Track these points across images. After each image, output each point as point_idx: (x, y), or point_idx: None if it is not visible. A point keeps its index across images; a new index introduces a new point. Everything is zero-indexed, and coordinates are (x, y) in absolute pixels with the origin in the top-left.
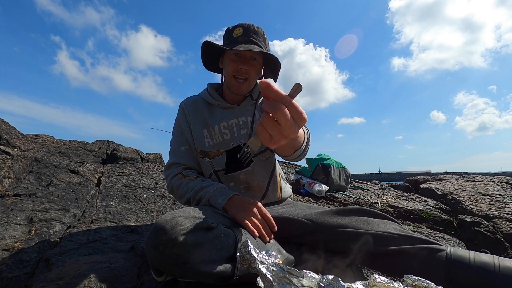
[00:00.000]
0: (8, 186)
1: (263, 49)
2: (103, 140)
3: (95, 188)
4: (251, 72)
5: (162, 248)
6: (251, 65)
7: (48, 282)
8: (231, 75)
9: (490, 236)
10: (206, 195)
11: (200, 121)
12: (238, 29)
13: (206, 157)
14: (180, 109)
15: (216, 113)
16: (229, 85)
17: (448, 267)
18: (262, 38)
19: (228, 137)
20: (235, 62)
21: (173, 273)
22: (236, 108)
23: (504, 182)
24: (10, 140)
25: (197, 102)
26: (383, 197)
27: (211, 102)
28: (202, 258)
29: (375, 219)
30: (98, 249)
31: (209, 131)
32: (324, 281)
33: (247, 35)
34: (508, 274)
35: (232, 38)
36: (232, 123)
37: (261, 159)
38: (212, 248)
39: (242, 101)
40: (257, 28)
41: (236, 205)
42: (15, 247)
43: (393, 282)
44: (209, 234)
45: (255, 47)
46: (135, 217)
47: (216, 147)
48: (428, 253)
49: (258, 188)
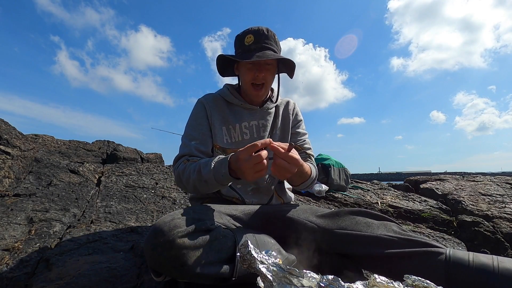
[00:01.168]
0: (8, 186)
1: (277, 53)
2: (103, 140)
3: (95, 188)
4: (267, 77)
5: (160, 250)
6: (267, 70)
7: (48, 282)
8: (249, 83)
9: (490, 236)
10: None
11: (220, 118)
12: (249, 37)
13: (224, 154)
14: (200, 104)
15: (237, 112)
16: (248, 92)
17: (448, 269)
18: (273, 41)
19: (247, 137)
20: (251, 70)
21: (171, 274)
22: (258, 110)
23: (504, 182)
24: (10, 140)
25: (216, 100)
26: (383, 197)
27: (233, 101)
28: (200, 260)
29: (375, 221)
30: (98, 249)
31: (228, 129)
32: (324, 281)
33: (259, 42)
34: (507, 275)
35: (244, 46)
36: (253, 124)
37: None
38: (210, 250)
39: (262, 103)
40: (267, 31)
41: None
42: (15, 247)
43: (393, 282)
44: (207, 236)
45: (269, 53)
46: (135, 217)
47: (234, 145)
48: (428, 256)
49: (266, 190)
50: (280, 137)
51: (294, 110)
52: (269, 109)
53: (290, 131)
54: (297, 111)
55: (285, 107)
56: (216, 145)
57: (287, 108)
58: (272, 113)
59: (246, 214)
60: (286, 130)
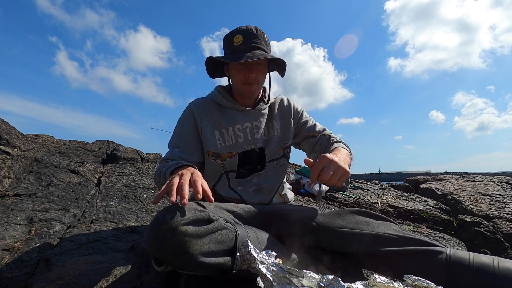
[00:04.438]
0: (8, 186)
1: (267, 52)
2: (103, 140)
3: (95, 188)
4: (258, 77)
5: (162, 237)
6: (258, 70)
7: (48, 282)
8: (240, 83)
9: (490, 236)
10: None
11: (211, 123)
12: (238, 37)
13: (218, 159)
14: (188, 110)
15: (229, 115)
16: (240, 92)
17: (448, 269)
18: (263, 40)
19: (241, 140)
20: (241, 71)
21: (172, 263)
22: (251, 112)
23: (504, 182)
24: (10, 140)
25: (207, 104)
26: (383, 197)
27: (224, 104)
28: (201, 249)
29: (375, 220)
30: (98, 249)
31: (221, 132)
32: (324, 281)
33: (248, 42)
34: (507, 275)
35: (233, 47)
36: (246, 126)
37: (276, 165)
38: (212, 240)
39: (254, 104)
40: (255, 30)
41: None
42: (15, 247)
43: (393, 282)
44: (209, 226)
45: (259, 53)
46: (135, 217)
47: (229, 149)
48: (428, 255)
49: (267, 191)
50: (282, 135)
51: (290, 104)
52: (262, 110)
53: (294, 126)
54: (293, 104)
55: (279, 104)
56: (208, 152)
57: (282, 105)
58: (265, 114)
59: (247, 212)
60: (287, 126)
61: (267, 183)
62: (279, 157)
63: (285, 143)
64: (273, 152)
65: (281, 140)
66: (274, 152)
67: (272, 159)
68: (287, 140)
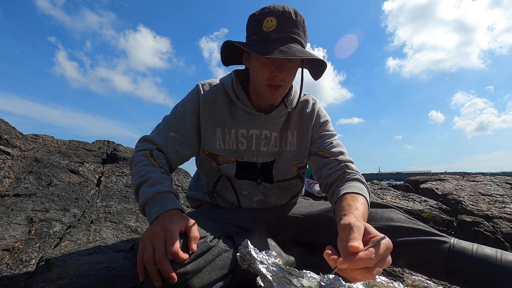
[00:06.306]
0: (8, 186)
1: (305, 47)
2: (103, 140)
3: (95, 188)
4: (287, 78)
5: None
6: (289, 69)
7: (48, 282)
8: (263, 83)
9: (490, 236)
10: (144, 196)
11: (215, 118)
12: (270, 20)
13: (214, 161)
14: (196, 94)
15: (237, 115)
16: (260, 93)
17: (450, 257)
18: (301, 30)
19: (243, 148)
20: (268, 67)
21: None
22: (262, 117)
23: (504, 182)
24: (10, 140)
25: (217, 93)
26: (383, 197)
27: (234, 100)
28: (203, 282)
29: (378, 209)
30: (98, 249)
31: (223, 132)
32: (325, 280)
33: (284, 30)
34: (509, 267)
35: (262, 33)
36: (252, 133)
37: (287, 185)
38: (213, 269)
39: (271, 108)
40: (295, 15)
41: (158, 222)
42: (15, 247)
43: (393, 282)
44: (209, 256)
45: (296, 49)
46: (135, 217)
47: (227, 153)
48: (432, 245)
49: (273, 203)
50: (297, 150)
51: (314, 111)
52: (278, 118)
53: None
54: (319, 111)
55: (301, 109)
56: (204, 150)
57: (304, 111)
58: (280, 123)
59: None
60: (304, 139)
61: (274, 198)
62: (291, 178)
63: (301, 161)
64: (284, 171)
65: (295, 157)
66: (286, 171)
67: (282, 179)
68: (303, 158)
